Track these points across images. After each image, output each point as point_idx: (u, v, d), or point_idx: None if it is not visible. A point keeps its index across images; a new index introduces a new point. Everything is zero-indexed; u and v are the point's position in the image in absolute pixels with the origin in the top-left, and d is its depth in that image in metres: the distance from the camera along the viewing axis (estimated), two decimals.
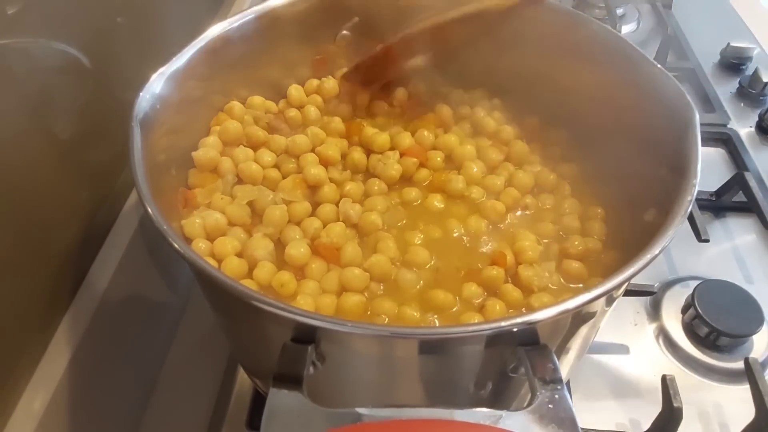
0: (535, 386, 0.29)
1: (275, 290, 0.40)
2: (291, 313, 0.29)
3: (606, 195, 0.47)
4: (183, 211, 0.43)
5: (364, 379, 0.36)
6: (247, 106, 0.51)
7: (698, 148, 0.37)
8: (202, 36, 0.45)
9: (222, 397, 0.50)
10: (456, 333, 0.30)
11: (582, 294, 0.30)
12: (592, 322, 0.37)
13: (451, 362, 0.34)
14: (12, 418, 0.37)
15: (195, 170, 0.46)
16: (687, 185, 0.35)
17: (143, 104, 0.39)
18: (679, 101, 0.40)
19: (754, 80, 0.79)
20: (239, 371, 0.51)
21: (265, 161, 0.47)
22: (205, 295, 0.41)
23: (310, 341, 0.30)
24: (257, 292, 0.30)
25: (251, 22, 0.49)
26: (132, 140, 0.37)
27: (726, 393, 0.51)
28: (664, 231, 0.33)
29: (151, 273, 0.52)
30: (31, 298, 0.39)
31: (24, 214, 0.38)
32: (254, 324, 0.36)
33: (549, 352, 0.30)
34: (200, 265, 0.31)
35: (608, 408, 0.50)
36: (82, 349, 0.41)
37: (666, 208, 0.35)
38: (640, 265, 0.31)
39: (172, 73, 0.42)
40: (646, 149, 0.42)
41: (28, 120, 0.38)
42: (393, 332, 0.30)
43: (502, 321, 0.29)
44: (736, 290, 0.54)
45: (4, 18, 0.36)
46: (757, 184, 0.63)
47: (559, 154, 0.50)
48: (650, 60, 0.43)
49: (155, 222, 0.33)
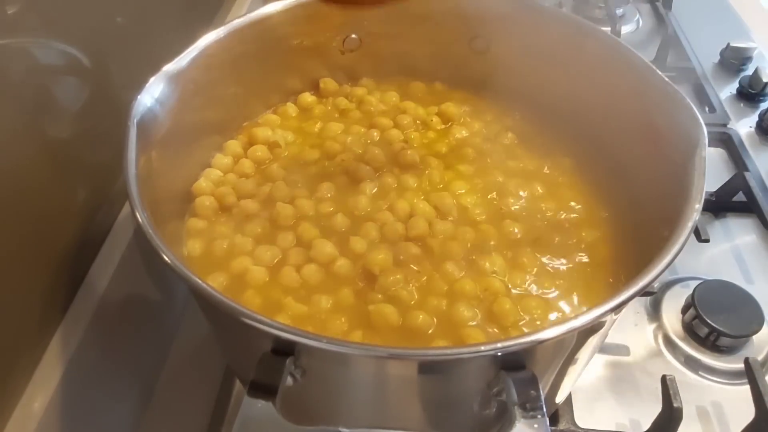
0: (515, 414, 0.28)
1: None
2: (265, 325, 0.29)
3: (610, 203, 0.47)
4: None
5: (344, 395, 0.37)
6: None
7: (703, 172, 0.37)
8: (199, 41, 0.45)
9: (221, 400, 0.50)
10: (431, 355, 0.30)
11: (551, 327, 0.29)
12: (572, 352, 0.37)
13: (431, 384, 0.34)
14: (12, 419, 0.37)
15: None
16: (689, 210, 0.35)
17: (141, 106, 0.39)
18: (689, 120, 0.40)
19: (754, 80, 0.79)
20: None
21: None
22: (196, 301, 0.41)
23: (290, 353, 0.30)
24: (233, 301, 0.30)
25: (249, 28, 0.49)
26: (127, 140, 0.37)
27: (726, 393, 0.51)
28: (657, 261, 0.32)
29: (149, 274, 0.52)
30: (30, 299, 0.39)
31: (23, 215, 0.38)
32: (237, 332, 0.36)
33: (533, 379, 0.29)
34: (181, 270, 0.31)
35: (608, 408, 0.50)
36: (81, 351, 0.41)
37: (669, 225, 0.35)
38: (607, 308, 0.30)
39: (172, 75, 0.43)
40: (652, 165, 0.42)
41: (27, 121, 0.39)
42: (367, 351, 0.30)
43: (482, 345, 0.29)
44: (736, 290, 0.54)
45: (4, 18, 0.36)
46: (757, 184, 0.63)
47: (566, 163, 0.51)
48: (661, 76, 0.43)
49: (144, 229, 0.33)
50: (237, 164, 0.50)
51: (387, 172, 0.49)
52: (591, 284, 0.42)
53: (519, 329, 0.39)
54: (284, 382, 0.29)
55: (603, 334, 0.40)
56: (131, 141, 0.37)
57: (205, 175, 0.48)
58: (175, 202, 0.45)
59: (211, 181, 0.48)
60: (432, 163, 0.50)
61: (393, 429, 0.37)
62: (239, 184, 0.48)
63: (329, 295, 0.41)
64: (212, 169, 0.49)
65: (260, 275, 0.42)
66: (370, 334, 0.39)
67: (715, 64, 0.85)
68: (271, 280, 0.42)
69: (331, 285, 0.41)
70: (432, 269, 0.42)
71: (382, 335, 0.39)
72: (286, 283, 0.41)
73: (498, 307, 0.40)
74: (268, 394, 0.29)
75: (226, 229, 0.45)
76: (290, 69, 0.55)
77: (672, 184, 0.38)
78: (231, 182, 0.49)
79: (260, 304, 0.40)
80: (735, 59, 0.84)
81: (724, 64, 0.84)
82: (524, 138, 0.53)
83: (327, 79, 0.57)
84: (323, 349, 0.29)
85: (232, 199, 0.47)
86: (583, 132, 0.50)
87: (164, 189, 0.42)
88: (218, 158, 0.50)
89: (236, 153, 0.51)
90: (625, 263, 0.43)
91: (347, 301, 0.40)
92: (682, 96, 0.41)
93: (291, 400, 0.30)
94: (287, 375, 0.30)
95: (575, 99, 0.50)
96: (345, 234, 0.44)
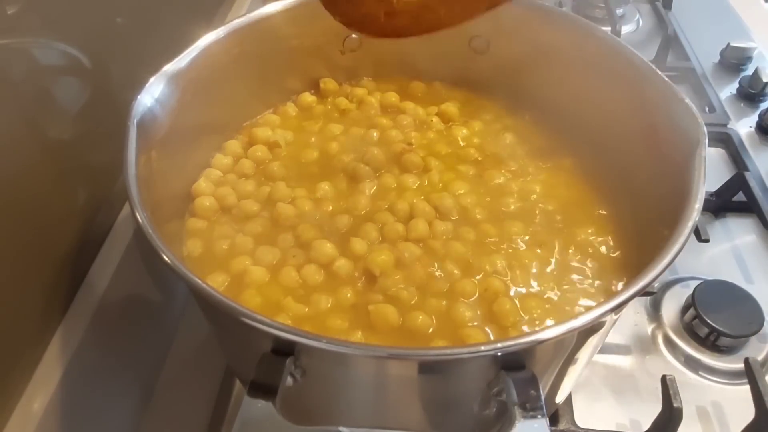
0: (515, 414, 0.28)
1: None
2: (266, 325, 0.29)
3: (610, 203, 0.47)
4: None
5: (344, 395, 0.37)
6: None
7: (703, 172, 0.37)
8: (199, 41, 0.46)
9: (221, 400, 0.50)
10: (431, 355, 0.30)
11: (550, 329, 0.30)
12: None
13: (431, 384, 0.34)
14: (11, 419, 0.37)
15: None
16: (689, 210, 0.35)
17: (141, 106, 0.39)
18: (689, 120, 0.40)
19: (754, 80, 0.79)
20: None
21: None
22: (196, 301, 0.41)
23: (290, 353, 0.30)
24: (233, 301, 0.30)
25: (249, 28, 0.49)
26: (127, 140, 0.37)
27: (726, 393, 0.51)
28: (658, 261, 0.32)
29: (149, 274, 0.52)
30: (30, 299, 0.39)
31: (23, 215, 0.38)
32: (237, 332, 0.36)
33: (533, 379, 0.30)
34: (181, 270, 0.31)
35: (608, 408, 0.50)
36: (81, 351, 0.41)
37: (669, 225, 0.35)
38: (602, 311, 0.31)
39: (172, 75, 0.43)
40: (652, 165, 0.42)
41: (27, 121, 0.39)
42: (367, 351, 0.30)
43: (482, 345, 0.29)
44: (736, 290, 0.54)
45: (4, 18, 0.36)
46: (757, 184, 0.63)
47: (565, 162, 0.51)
48: (661, 76, 0.43)
49: (143, 229, 0.33)
50: (237, 164, 0.50)
51: (387, 173, 0.49)
52: (591, 284, 0.42)
53: (519, 329, 0.39)
54: (284, 382, 0.29)
55: (603, 334, 0.40)
56: (131, 141, 0.37)
57: (205, 175, 0.48)
58: (175, 202, 0.45)
59: (211, 181, 0.48)
60: (432, 163, 0.50)
61: (393, 429, 0.37)
62: (239, 184, 0.48)
63: (329, 296, 0.41)
64: (212, 169, 0.49)
65: (260, 275, 0.42)
66: (370, 334, 0.39)
67: (715, 64, 0.85)
68: (270, 280, 0.42)
69: (331, 285, 0.41)
70: (432, 269, 0.42)
71: (382, 335, 0.39)
72: (285, 283, 0.41)
73: (498, 308, 0.40)
74: (268, 394, 0.29)
75: (226, 229, 0.45)
76: (290, 69, 0.55)
77: (672, 184, 0.38)
78: (231, 182, 0.49)
79: (260, 304, 0.40)
80: (735, 59, 0.84)
81: (724, 64, 0.85)
82: (524, 138, 0.53)
83: (327, 79, 0.57)
84: (323, 349, 0.29)
85: (232, 200, 0.47)
86: (582, 132, 0.50)
87: (164, 189, 0.42)
88: (218, 158, 0.50)
89: (236, 153, 0.51)
90: (626, 263, 0.43)
91: (347, 301, 0.40)
92: (682, 96, 0.41)
93: (291, 400, 0.30)
94: (287, 375, 0.30)
95: (575, 99, 0.50)
96: (345, 234, 0.44)
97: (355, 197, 0.47)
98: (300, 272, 0.42)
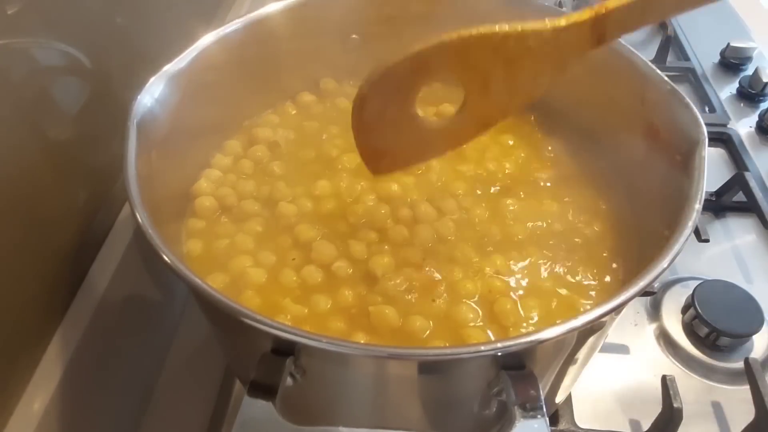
0: (515, 414, 0.28)
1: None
2: (265, 325, 0.29)
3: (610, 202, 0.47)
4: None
5: (344, 395, 0.37)
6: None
7: (703, 172, 0.37)
8: (199, 41, 0.45)
9: (221, 400, 0.50)
10: (431, 355, 0.30)
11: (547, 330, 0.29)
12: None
13: (431, 384, 0.34)
14: (12, 419, 0.37)
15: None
16: (689, 210, 0.35)
17: (141, 106, 0.39)
18: (689, 120, 0.40)
19: (754, 80, 0.79)
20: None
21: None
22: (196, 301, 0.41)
23: (289, 353, 0.30)
24: (233, 301, 0.30)
25: (249, 28, 0.49)
26: (127, 140, 0.37)
27: (726, 393, 0.51)
28: (658, 261, 0.32)
29: (149, 274, 0.52)
30: (30, 299, 0.39)
31: (23, 215, 0.38)
32: (237, 332, 0.36)
33: (533, 379, 0.29)
34: (181, 270, 0.31)
35: (608, 408, 0.50)
36: (81, 351, 0.41)
37: (670, 225, 0.35)
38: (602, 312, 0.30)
39: (172, 75, 0.43)
40: (652, 165, 0.42)
41: (27, 121, 0.39)
42: (367, 351, 0.30)
43: (482, 345, 0.28)
44: (736, 290, 0.54)
45: (4, 18, 0.36)
46: (757, 184, 0.63)
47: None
48: (661, 75, 0.43)
49: (143, 229, 0.33)
50: (237, 164, 0.50)
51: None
52: (591, 284, 0.42)
53: (520, 329, 0.39)
54: (284, 382, 0.29)
55: (603, 334, 0.40)
56: (131, 141, 0.37)
57: (205, 175, 0.48)
58: (175, 202, 0.45)
59: (211, 181, 0.48)
60: (432, 163, 0.50)
61: (393, 429, 0.37)
62: (239, 184, 0.48)
63: (329, 296, 0.41)
64: (212, 169, 0.49)
65: (260, 275, 0.42)
66: (370, 334, 0.39)
67: (715, 64, 0.85)
68: (270, 281, 0.42)
69: (331, 286, 0.41)
70: (433, 270, 0.42)
71: (382, 336, 0.39)
72: (285, 284, 0.41)
73: (499, 308, 0.40)
74: (268, 394, 0.29)
75: (225, 229, 0.45)
76: (290, 69, 0.55)
77: (672, 184, 0.38)
78: (231, 182, 0.48)
79: (260, 304, 0.40)
80: (735, 59, 0.84)
81: (724, 64, 0.85)
82: (524, 138, 0.53)
83: (327, 79, 0.57)
84: (323, 349, 0.29)
85: (232, 200, 0.47)
86: (582, 132, 0.50)
87: (164, 189, 0.42)
88: (218, 158, 0.50)
89: (236, 153, 0.51)
90: (626, 263, 0.43)
91: (347, 301, 0.40)
92: (682, 96, 0.41)
93: (291, 400, 0.30)
94: (287, 375, 0.29)
95: (575, 98, 0.50)
96: (345, 235, 0.44)
97: (355, 197, 0.47)
98: (299, 273, 0.42)
